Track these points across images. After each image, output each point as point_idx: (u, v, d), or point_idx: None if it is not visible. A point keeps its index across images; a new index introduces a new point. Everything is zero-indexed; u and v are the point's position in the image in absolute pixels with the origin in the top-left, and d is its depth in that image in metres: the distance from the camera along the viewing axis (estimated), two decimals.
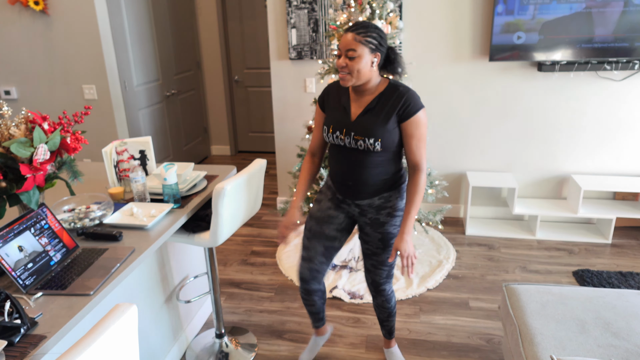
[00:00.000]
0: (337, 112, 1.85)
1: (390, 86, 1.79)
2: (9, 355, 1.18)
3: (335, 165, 1.90)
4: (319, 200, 2.02)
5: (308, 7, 3.49)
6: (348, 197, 1.92)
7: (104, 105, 3.81)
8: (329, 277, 3.02)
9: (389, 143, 1.77)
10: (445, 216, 3.91)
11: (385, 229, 1.92)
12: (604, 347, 1.70)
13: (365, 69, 1.71)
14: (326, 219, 1.99)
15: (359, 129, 1.77)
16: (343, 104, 1.84)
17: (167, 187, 1.98)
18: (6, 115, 1.73)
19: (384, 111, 1.76)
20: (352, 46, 1.68)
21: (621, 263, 3.16)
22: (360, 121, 1.78)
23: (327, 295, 2.87)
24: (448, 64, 3.48)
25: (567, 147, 3.54)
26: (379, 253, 1.97)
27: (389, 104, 1.76)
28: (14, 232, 1.51)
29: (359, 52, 1.68)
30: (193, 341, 2.53)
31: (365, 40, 1.68)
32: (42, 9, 3.56)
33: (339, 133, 1.81)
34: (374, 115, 1.77)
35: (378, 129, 1.75)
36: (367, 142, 1.76)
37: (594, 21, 3.10)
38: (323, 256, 2.04)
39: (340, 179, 1.90)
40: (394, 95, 1.76)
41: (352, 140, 1.79)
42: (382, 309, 2.17)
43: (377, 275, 2.04)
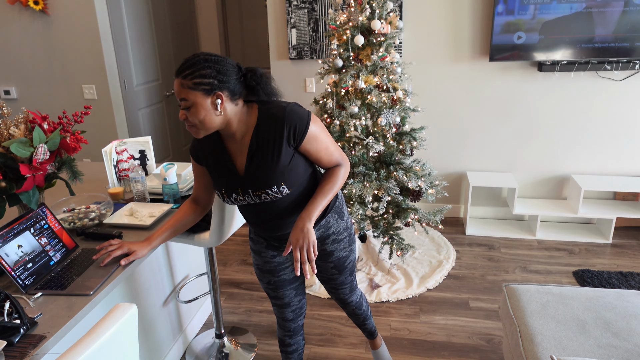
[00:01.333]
0: (220, 171, 1.54)
1: (263, 114, 1.46)
2: (9, 355, 1.18)
3: (251, 220, 1.64)
4: (258, 252, 1.77)
5: (308, 7, 3.49)
6: (283, 242, 1.70)
7: (103, 105, 3.81)
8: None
9: (295, 180, 1.50)
10: (445, 216, 3.90)
11: (336, 256, 1.76)
12: (604, 347, 1.70)
13: (210, 116, 1.39)
14: (278, 267, 1.77)
15: (254, 183, 1.49)
16: (222, 159, 1.53)
17: (167, 187, 1.98)
18: (6, 115, 1.73)
19: (269, 148, 1.45)
20: (182, 95, 1.37)
21: (621, 263, 3.16)
22: (249, 174, 1.49)
23: (327, 296, 2.87)
24: (448, 64, 3.48)
25: (568, 147, 3.54)
26: (336, 278, 1.85)
27: (270, 137, 1.45)
28: (13, 232, 1.51)
29: (191, 100, 1.36)
30: (193, 341, 2.53)
31: (194, 84, 1.35)
32: (41, 9, 3.56)
33: (235, 194, 1.53)
34: (262, 160, 1.46)
35: (276, 174, 1.46)
36: (272, 193, 1.49)
37: (594, 21, 3.10)
38: (297, 295, 1.86)
39: (263, 232, 1.66)
40: (270, 124, 1.44)
41: (253, 197, 1.52)
42: (354, 317, 2.07)
43: (340, 294, 1.92)
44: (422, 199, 3.05)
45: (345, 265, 1.81)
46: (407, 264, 3.16)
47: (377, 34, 2.68)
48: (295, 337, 1.93)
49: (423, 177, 2.88)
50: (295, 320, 1.90)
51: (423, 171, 2.89)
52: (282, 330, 1.92)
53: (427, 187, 2.91)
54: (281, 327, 1.92)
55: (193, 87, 1.36)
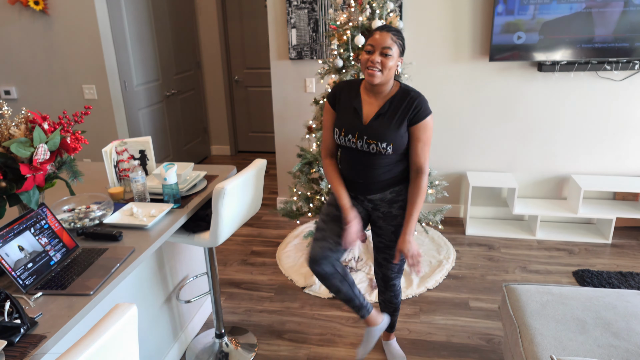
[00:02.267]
0: (348, 114, 1.86)
1: (402, 90, 1.82)
2: (9, 355, 1.18)
3: (346, 165, 1.94)
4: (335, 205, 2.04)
5: (308, 7, 3.49)
6: (359, 193, 1.96)
7: (103, 105, 3.81)
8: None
9: (399, 146, 1.81)
10: (445, 216, 3.91)
11: (399, 222, 1.96)
12: (604, 347, 1.70)
13: (394, 69, 1.77)
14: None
15: (371, 133, 1.80)
16: (354, 105, 1.85)
17: (167, 187, 1.98)
18: (6, 115, 1.73)
19: (396, 116, 1.80)
20: (389, 44, 1.73)
21: (621, 263, 3.16)
22: (372, 125, 1.81)
23: (328, 296, 2.87)
24: (448, 64, 3.48)
25: (567, 147, 3.54)
26: (392, 246, 2.00)
27: (401, 108, 1.80)
28: (13, 232, 1.51)
29: (393, 51, 1.74)
30: (193, 341, 2.53)
31: (398, 43, 1.76)
32: (42, 9, 3.56)
33: (351, 136, 1.84)
34: (386, 120, 1.80)
35: (390, 134, 1.79)
36: (380, 146, 1.80)
37: (594, 21, 3.10)
38: (338, 237, 1.95)
39: (351, 177, 1.94)
40: (405, 100, 1.80)
41: (364, 144, 1.82)
42: (389, 304, 2.18)
43: (389, 270, 2.07)
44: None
45: None
46: (407, 264, 3.16)
47: None
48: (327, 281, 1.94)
49: None
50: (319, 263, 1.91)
51: None
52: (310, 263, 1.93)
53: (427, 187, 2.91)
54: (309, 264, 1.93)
55: (397, 44, 1.76)
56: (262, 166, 2.21)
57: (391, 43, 1.74)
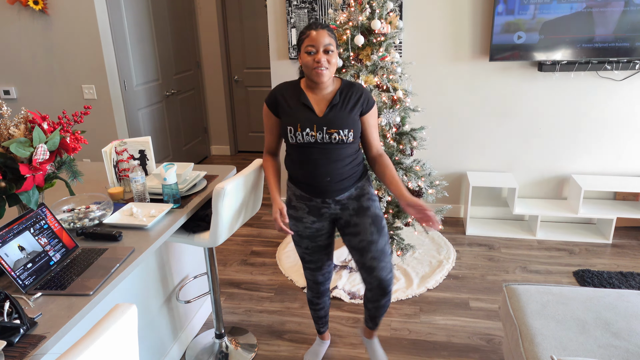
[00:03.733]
0: (300, 111, 1.87)
1: (346, 83, 1.91)
2: (9, 355, 1.18)
3: (307, 165, 1.89)
4: (299, 218, 1.99)
5: (308, 6, 3.49)
6: (327, 196, 1.92)
7: (103, 105, 3.81)
8: None
9: (357, 132, 1.87)
10: (445, 216, 3.90)
11: (373, 212, 1.96)
12: (605, 347, 1.70)
13: (336, 62, 1.83)
14: (316, 233, 2.02)
15: (331, 123, 1.83)
16: (304, 102, 1.86)
17: (166, 187, 1.98)
18: (6, 115, 1.73)
19: (349, 105, 1.86)
20: (329, 41, 1.78)
21: (622, 263, 3.16)
22: (329, 116, 1.84)
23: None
24: (448, 64, 3.48)
25: (568, 147, 3.54)
26: (376, 240, 1.93)
27: (351, 98, 1.87)
28: (13, 232, 1.51)
29: (334, 46, 1.79)
30: (193, 341, 2.53)
31: (334, 39, 1.81)
32: (41, 9, 3.56)
33: (309, 129, 1.83)
34: (340, 109, 1.85)
35: (348, 121, 1.84)
36: (342, 134, 1.83)
37: (594, 21, 3.10)
38: (329, 260, 2.15)
39: (314, 180, 1.89)
40: (352, 91, 1.88)
41: (325, 135, 1.83)
42: (382, 309, 2.10)
43: (383, 271, 1.95)
44: (422, 199, 3.05)
45: (382, 225, 1.97)
46: (407, 264, 3.16)
47: (377, 34, 2.68)
48: (323, 297, 2.25)
49: (423, 177, 2.88)
50: (324, 284, 2.20)
51: (423, 171, 2.89)
52: (312, 292, 2.23)
53: (427, 187, 2.91)
54: (311, 290, 2.22)
55: (333, 41, 1.80)
56: (262, 166, 2.21)
57: (330, 39, 1.78)
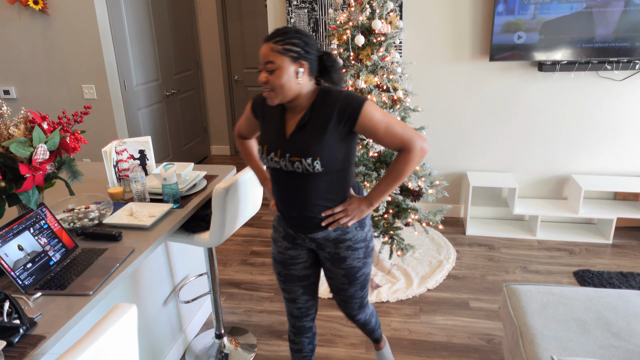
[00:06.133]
0: (271, 129, 1.62)
1: (321, 93, 1.55)
2: (8, 355, 1.18)
3: (277, 193, 1.67)
4: (275, 240, 1.81)
5: (308, 7, 3.49)
6: (299, 231, 1.69)
7: (103, 105, 3.81)
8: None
9: (330, 161, 1.52)
10: (445, 216, 3.90)
11: (348, 264, 1.71)
12: (605, 347, 1.69)
13: (290, 82, 1.48)
14: (289, 260, 1.79)
15: (293, 149, 1.53)
16: (278, 118, 1.61)
17: (166, 187, 1.98)
18: (5, 115, 1.73)
19: (319, 124, 1.52)
20: (269, 58, 1.46)
21: (622, 263, 3.16)
22: (294, 139, 1.54)
23: (327, 296, 2.87)
24: (448, 64, 3.48)
25: (568, 147, 3.54)
26: (346, 289, 1.79)
27: (323, 114, 1.52)
28: (13, 232, 1.51)
29: (278, 63, 1.45)
30: (193, 341, 2.53)
31: (284, 49, 1.45)
32: (41, 9, 3.56)
33: (274, 154, 1.57)
34: (309, 131, 1.52)
35: (315, 147, 1.50)
36: (305, 163, 1.51)
37: (594, 21, 3.10)
38: (305, 295, 1.86)
39: (284, 209, 1.67)
40: (326, 103, 1.52)
41: (287, 163, 1.54)
42: (363, 329, 2.02)
43: (349, 309, 1.86)
44: (422, 199, 3.05)
45: (356, 276, 1.75)
46: (407, 264, 3.16)
47: (377, 34, 2.68)
48: (300, 336, 1.93)
49: (423, 177, 2.88)
50: (300, 319, 1.90)
51: (423, 171, 2.89)
52: (289, 325, 1.95)
53: (427, 187, 2.91)
54: (289, 322, 1.95)
55: (282, 52, 1.46)
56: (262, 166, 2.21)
57: (272, 54, 1.45)
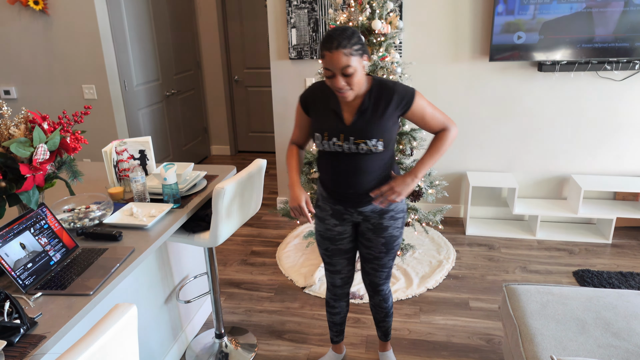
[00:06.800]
0: (328, 118, 1.76)
1: (376, 83, 1.73)
2: (9, 355, 1.18)
3: (332, 174, 1.81)
4: (322, 219, 1.96)
5: (308, 7, 3.49)
6: (350, 206, 1.86)
7: (103, 105, 3.81)
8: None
9: (389, 140, 1.73)
10: (445, 216, 3.90)
11: (389, 232, 1.90)
12: (604, 347, 1.70)
13: (363, 76, 1.65)
14: (337, 236, 1.96)
15: (358, 132, 1.71)
16: (333, 108, 1.75)
17: (166, 187, 1.98)
18: (6, 115, 1.73)
19: (379, 110, 1.70)
20: (347, 63, 1.57)
21: (621, 263, 3.16)
22: (356, 124, 1.71)
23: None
24: (448, 64, 3.48)
25: (568, 147, 3.54)
26: (382, 257, 1.95)
27: (382, 102, 1.71)
28: (13, 231, 1.51)
29: (354, 65, 1.58)
30: (193, 341, 2.53)
31: (354, 50, 1.58)
32: (41, 9, 3.56)
33: (336, 139, 1.73)
34: (369, 116, 1.71)
35: (378, 129, 1.70)
36: (370, 144, 1.70)
37: (594, 21, 3.10)
38: (348, 265, 2.07)
39: (339, 188, 1.83)
40: (384, 93, 1.70)
41: (352, 145, 1.72)
42: (378, 309, 2.15)
43: (377, 277, 2.03)
44: (422, 199, 3.05)
45: (394, 245, 1.93)
46: (407, 264, 3.16)
47: (377, 34, 2.68)
48: (340, 301, 2.16)
49: (423, 177, 2.88)
50: (343, 287, 2.12)
51: None
52: (330, 293, 2.15)
53: (427, 187, 2.91)
54: (329, 291, 2.14)
55: (354, 52, 1.57)
56: (262, 166, 2.21)
57: (347, 59, 1.56)
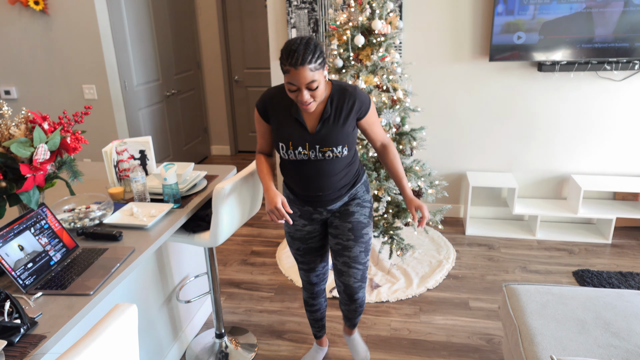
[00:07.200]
0: (291, 127, 1.73)
1: (336, 88, 1.73)
2: (9, 355, 1.18)
3: (299, 179, 1.81)
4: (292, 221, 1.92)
5: (308, 7, 3.49)
6: (319, 206, 1.88)
7: (104, 105, 3.81)
8: (329, 277, 3.02)
9: (352, 144, 1.76)
10: (445, 216, 3.90)
11: (356, 218, 1.89)
12: (604, 347, 1.70)
13: (324, 86, 1.65)
14: (307, 235, 1.98)
15: (323, 141, 1.71)
16: (294, 116, 1.73)
17: (167, 187, 1.98)
18: (6, 115, 1.73)
19: (341, 117, 1.72)
20: (312, 78, 1.57)
21: (621, 263, 3.16)
22: (321, 132, 1.71)
23: (327, 295, 2.87)
24: (448, 64, 3.48)
25: (567, 147, 3.54)
26: (351, 246, 1.89)
27: (344, 107, 1.72)
28: (14, 231, 1.51)
29: (318, 78, 1.58)
30: (193, 341, 2.53)
31: (319, 64, 1.58)
32: (42, 9, 3.56)
33: (302, 148, 1.73)
34: (332, 123, 1.71)
35: (341, 136, 1.72)
36: (336, 151, 1.72)
37: (594, 21, 3.10)
38: (322, 262, 2.09)
39: (307, 192, 1.83)
40: (345, 98, 1.72)
41: (318, 153, 1.73)
42: (353, 312, 2.08)
43: (350, 277, 1.92)
44: (422, 199, 3.05)
45: (361, 233, 1.90)
46: (407, 264, 3.16)
47: (377, 34, 2.68)
48: (318, 299, 2.19)
49: (423, 177, 2.88)
50: (319, 284, 2.14)
51: (423, 171, 2.89)
52: (307, 293, 2.17)
53: (427, 187, 2.91)
54: (306, 290, 2.17)
55: (319, 67, 1.58)
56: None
57: (312, 74, 1.56)
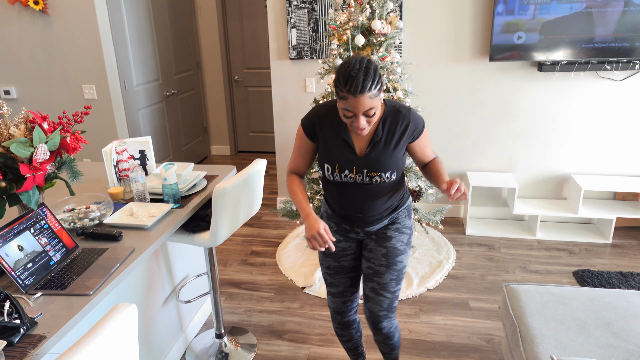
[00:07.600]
0: (338, 148, 1.66)
1: (390, 109, 1.65)
2: (9, 355, 1.18)
3: (341, 199, 1.75)
4: None
5: (308, 7, 3.49)
6: (357, 226, 1.80)
7: (103, 105, 3.81)
8: None
9: (400, 169, 1.69)
10: (445, 216, 3.90)
11: (392, 244, 1.78)
12: (604, 347, 1.70)
13: (380, 111, 1.59)
14: (341, 252, 1.87)
15: (371, 166, 1.64)
16: (344, 137, 1.65)
17: (167, 187, 1.98)
18: (6, 115, 1.73)
19: (393, 141, 1.64)
20: (371, 105, 1.49)
21: (621, 263, 3.16)
22: (370, 156, 1.64)
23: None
24: (448, 64, 3.48)
25: (568, 147, 3.54)
26: (382, 272, 1.79)
27: (396, 131, 1.64)
28: (13, 232, 1.51)
29: (376, 105, 1.50)
30: (193, 341, 2.53)
31: (377, 91, 1.49)
32: (41, 9, 3.56)
33: (349, 172, 1.66)
34: (383, 147, 1.64)
35: (391, 161, 1.64)
36: (384, 177, 1.65)
37: (594, 21, 3.10)
38: (352, 287, 1.94)
39: (347, 212, 1.77)
40: (399, 121, 1.63)
41: (365, 178, 1.66)
42: (383, 345, 1.97)
43: (377, 305, 1.81)
44: (422, 199, 3.05)
45: (395, 260, 1.79)
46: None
47: (377, 34, 2.68)
48: (347, 329, 2.02)
49: (423, 177, 2.88)
50: (346, 314, 1.97)
51: None
52: (335, 322, 2.01)
53: (427, 187, 2.91)
54: (334, 320, 2.01)
55: (377, 93, 1.49)
56: (262, 166, 2.21)
57: (371, 102, 1.48)
